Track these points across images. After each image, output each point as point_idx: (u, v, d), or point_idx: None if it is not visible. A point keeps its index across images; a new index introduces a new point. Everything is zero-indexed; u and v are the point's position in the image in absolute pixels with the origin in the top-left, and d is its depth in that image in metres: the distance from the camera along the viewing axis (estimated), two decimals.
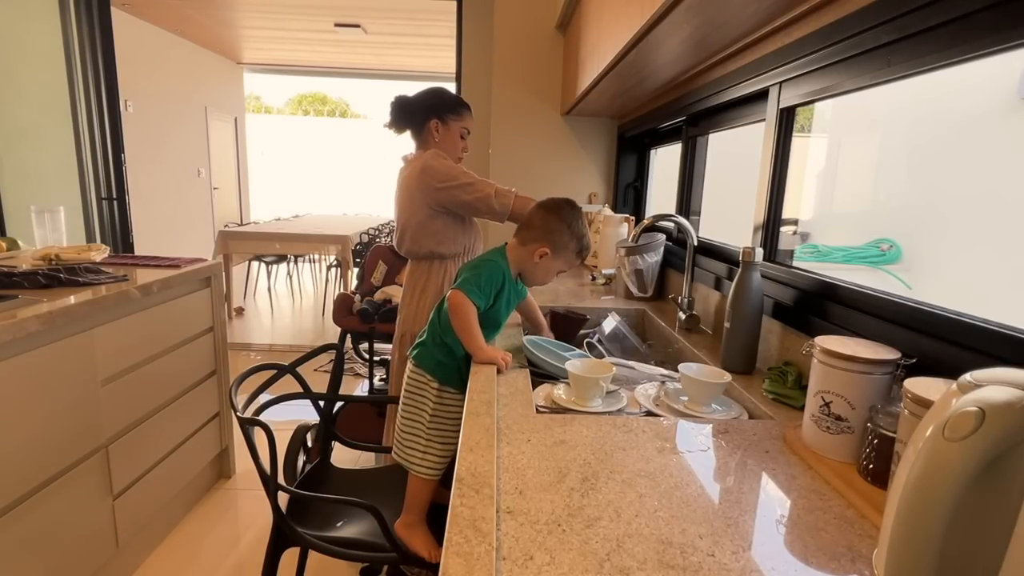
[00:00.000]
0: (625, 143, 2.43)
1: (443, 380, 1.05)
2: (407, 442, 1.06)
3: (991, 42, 0.65)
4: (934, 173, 1.61)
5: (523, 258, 1.09)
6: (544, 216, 1.09)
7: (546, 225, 1.08)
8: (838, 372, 0.69)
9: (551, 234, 1.08)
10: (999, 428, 0.36)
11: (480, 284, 1.02)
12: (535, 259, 1.08)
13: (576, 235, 1.09)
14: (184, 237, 5.58)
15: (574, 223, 1.09)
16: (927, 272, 1.63)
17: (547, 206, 1.11)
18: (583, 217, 1.12)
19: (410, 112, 1.45)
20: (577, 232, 1.09)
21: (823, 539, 0.55)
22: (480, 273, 1.04)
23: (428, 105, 1.44)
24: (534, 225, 1.10)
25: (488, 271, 1.05)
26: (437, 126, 1.44)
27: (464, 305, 1.01)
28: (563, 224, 1.08)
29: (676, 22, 1.04)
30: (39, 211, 1.86)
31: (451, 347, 1.04)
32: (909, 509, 0.39)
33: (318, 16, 4.65)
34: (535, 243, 1.08)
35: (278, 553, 1.10)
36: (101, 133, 2.96)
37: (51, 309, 1.22)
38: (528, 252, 1.08)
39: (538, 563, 0.50)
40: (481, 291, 1.02)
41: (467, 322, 1.01)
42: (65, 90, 2.84)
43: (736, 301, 1.04)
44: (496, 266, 1.06)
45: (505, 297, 1.08)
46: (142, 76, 4.81)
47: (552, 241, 1.08)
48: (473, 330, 1.01)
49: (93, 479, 1.37)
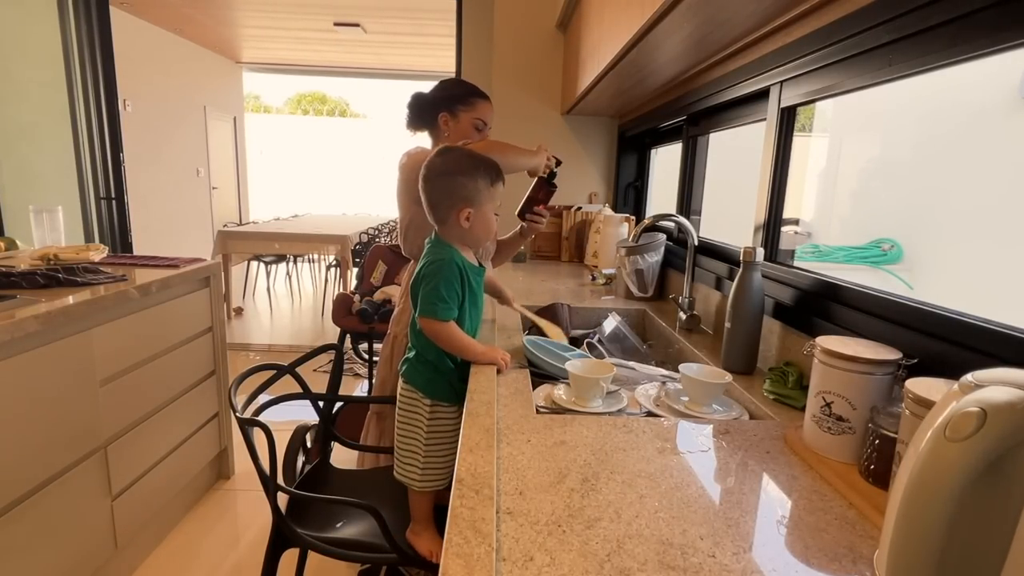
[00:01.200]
0: (625, 143, 2.43)
1: (434, 396, 1.00)
2: (405, 459, 1.03)
3: (992, 42, 0.65)
4: (936, 172, 1.61)
5: (456, 233, 1.00)
6: (433, 186, 0.98)
7: (444, 191, 0.98)
8: (839, 372, 0.69)
9: (455, 193, 0.97)
10: (1000, 428, 0.36)
11: (441, 295, 0.95)
12: (464, 224, 0.98)
13: (472, 173, 0.97)
14: (183, 237, 5.57)
15: (461, 165, 0.98)
16: (928, 272, 1.63)
17: (432, 175, 0.99)
18: (460, 151, 1.01)
19: (421, 109, 1.35)
20: (469, 169, 0.98)
21: (824, 540, 0.55)
22: (436, 283, 0.96)
23: (435, 98, 1.34)
24: (435, 201, 0.99)
25: (441, 274, 0.96)
26: (447, 119, 1.33)
27: (441, 329, 0.95)
28: (454, 176, 0.97)
29: (677, 21, 1.03)
30: (37, 211, 1.85)
31: (435, 364, 1.00)
32: (910, 510, 0.39)
33: (317, 15, 4.64)
34: (450, 212, 0.98)
35: (277, 554, 1.10)
36: (100, 132, 2.96)
37: (49, 309, 1.21)
38: (454, 225, 0.98)
39: (538, 564, 0.50)
40: (448, 301, 0.95)
41: (452, 341, 0.96)
42: (64, 89, 2.83)
43: (737, 301, 1.04)
44: (445, 263, 0.97)
45: (469, 282, 1.00)
46: (141, 75, 4.81)
47: (462, 198, 0.97)
48: (462, 344, 0.97)
49: (92, 480, 1.36)
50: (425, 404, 1.01)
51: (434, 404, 1.01)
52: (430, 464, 1.01)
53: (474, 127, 1.35)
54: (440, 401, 1.01)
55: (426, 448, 1.01)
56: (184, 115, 5.66)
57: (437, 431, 1.01)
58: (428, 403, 1.01)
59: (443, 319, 0.95)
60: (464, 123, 1.34)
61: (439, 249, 1.00)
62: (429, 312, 0.95)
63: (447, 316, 0.95)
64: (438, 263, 0.97)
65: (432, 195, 0.99)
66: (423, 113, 1.36)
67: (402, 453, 1.04)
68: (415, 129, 1.40)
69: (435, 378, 1.01)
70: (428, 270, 0.98)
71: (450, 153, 1.01)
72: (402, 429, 1.04)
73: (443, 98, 1.34)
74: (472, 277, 1.01)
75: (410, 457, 1.02)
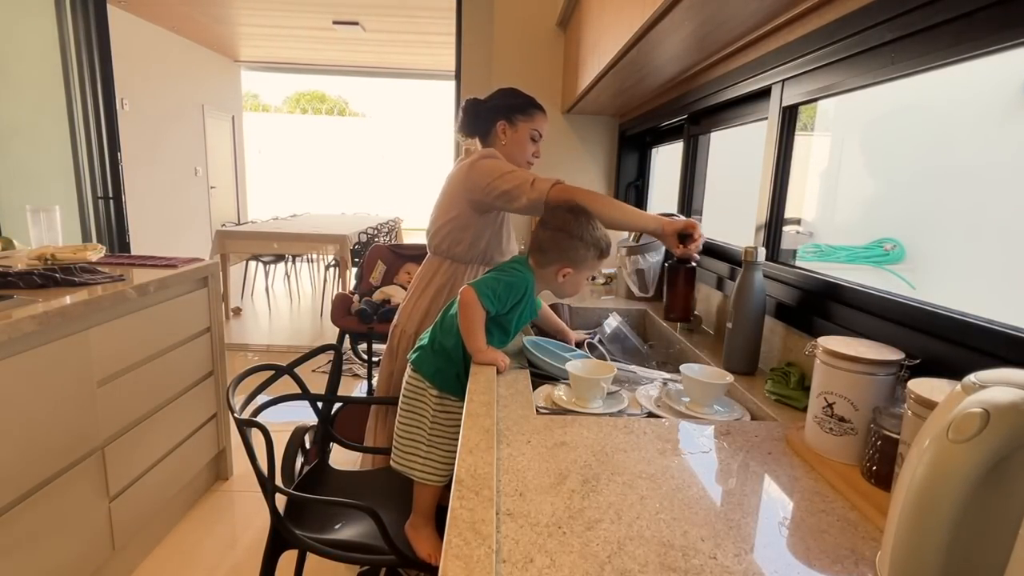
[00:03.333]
0: (626, 142, 2.42)
1: (442, 387, 1.02)
2: (407, 449, 1.03)
3: (995, 40, 0.64)
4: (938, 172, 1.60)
5: (546, 279, 1.06)
6: (552, 236, 1.04)
7: (558, 245, 1.04)
8: (841, 373, 0.68)
9: (566, 252, 1.03)
10: (1004, 429, 0.36)
11: (497, 290, 0.99)
12: (559, 279, 1.05)
13: (590, 243, 1.04)
14: (181, 237, 5.56)
15: (585, 233, 1.03)
16: (931, 272, 1.62)
17: (553, 225, 1.05)
18: (591, 219, 1.06)
19: (476, 114, 1.38)
20: (590, 240, 1.04)
21: (826, 541, 0.55)
22: (501, 280, 1.01)
23: (494, 106, 1.37)
24: (545, 248, 1.05)
25: (511, 280, 1.01)
26: (504, 128, 1.35)
27: (473, 304, 0.98)
28: (574, 240, 1.03)
29: (677, 20, 1.03)
30: (35, 210, 1.84)
31: (450, 353, 1.02)
32: (913, 511, 0.39)
33: (316, 13, 4.63)
34: (553, 265, 1.04)
35: (276, 555, 1.10)
36: (97, 131, 2.95)
37: (46, 309, 1.21)
38: (550, 274, 1.05)
39: (538, 566, 0.50)
40: (496, 297, 0.99)
41: (472, 321, 0.99)
42: (61, 88, 2.82)
43: (738, 301, 1.03)
44: (522, 278, 1.03)
45: (520, 310, 1.05)
46: (138, 74, 4.79)
47: (569, 259, 1.04)
48: (477, 330, 0.99)
49: (89, 481, 1.36)
50: (432, 394, 1.03)
51: (441, 396, 1.03)
52: (432, 456, 1.02)
53: (531, 138, 1.38)
54: (447, 394, 1.02)
55: (430, 438, 1.02)
56: (182, 114, 5.65)
57: (441, 423, 1.03)
58: (435, 393, 1.02)
59: (481, 300, 0.98)
60: (522, 133, 1.36)
61: (525, 269, 1.05)
62: (478, 288, 0.98)
63: (484, 304, 0.99)
64: (519, 274, 1.03)
65: (545, 243, 1.05)
66: (479, 119, 1.38)
67: (402, 442, 1.05)
68: (469, 135, 1.41)
69: (445, 368, 1.02)
70: (508, 271, 1.04)
71: (578, 215, 1.06)
72: (405, 417, 1.05)
73: (503, 106, 1.37)
74: (527, 305, 1.06)
75: (412, 446, 1.03)
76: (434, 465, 1.02)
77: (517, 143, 1.36)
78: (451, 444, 1.03)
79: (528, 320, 1.11)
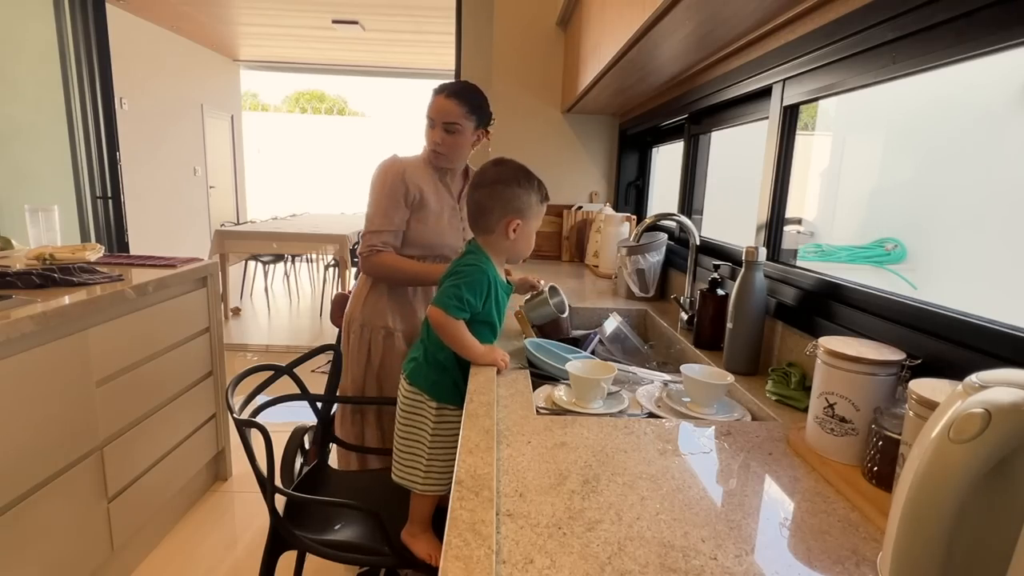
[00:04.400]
0: (627, 141, 2.42)
1: (440, 398, 1.00)
2: (407, 463, 1.01)
3: (997, 39, 0.64)
4: (940, 171, 1.60)
5: (499, 243, 1.01)
6: (489, 192, 0.99)
7: (498, 198, 0.98)
8: (842, 373, 0.68)
9: (509, 202, 0.98)
10: (1005, 430, 0.36)
11: (461, 296, 0.95)
12: (510, 236, 1.00)
13: (529, 187, 0.99)
14: (180, 236, 5.55)
15: (520, 178, 0.99)
16: (933, 272, 1.62)
17: (486, 182, 1.00)
18: (520, 164, 1.02)
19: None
20: (527, 183, 1.00)
21: (827, 542, 0.55)
22: (460, 284, 0.96)
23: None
24: (486, 207, 1.00)
25: (470, 280, 0.97)
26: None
27: (445, 322, 0.95)
28: (512, 186, 0.98)
29: (678, 19, 1.03)
30: (33, 210, 1.84)
31: (444, 364, 1.00)
32: (914, 512, 0.39)
33: (316, 12, 4.62)
34: (500, 224, 0.99)
35: (275, 556, 1.09)
36: (96, 131, 2.94)
37: (45, 309, 1.20)
38: (500, 235, 1.00)
39: (538, 567, 0.49)
40: (463, 302, 0.95)
41: (455, 336, 0.96)
42: (59, 87, 2.81)
43: (739, 301, 1.03)
44: (479, 271, 0.98)
45: (494, 297, 1.01)
46: (137, 73, 4.78)
47: (515, 208, 0.99)
48: (464, 342, 0.97)
49: (87, 482, 1.35)
50: (431, 407, 1.00)
51: (440, 407, 1.00)
52: (433, 467, 1.00)
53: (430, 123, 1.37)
54: (446, 404, 1.00)
55: (430, 451, 1.00)
56: (181, 113, 5.64)
57: (442, 434, 1.01)
58: (434, 406, 1.00)
59: (455, 315, 0.95)
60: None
61: (478, 256, 1.00)
62: (442, 304, 0.95)
63: (456, 316, 0.96)
64: (475, 268, 0.98)
65: (484, 202, 0.99)
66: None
67: (403, 456, 1.03)
68: None
69: (441, 380, 1.00)
70: (461, 269, 0.98)
71: (506, 164, 1.02)
72: (404, 432, 1.03)
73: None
74: (500, 292, 1.02)
75: (413, 460, 1.01)
76: (435, 476, 1.00)
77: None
78: (451, 453, 1.01)
79: (506, 299, 1.06)
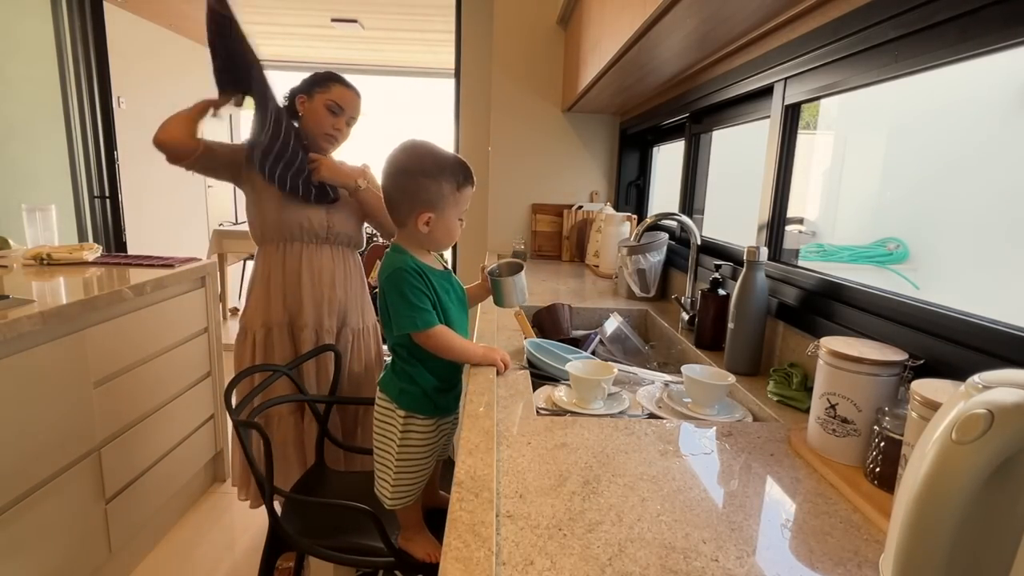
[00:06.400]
0: (627, 140, 2.42)
1: (408, 407, 0.94)
2: (380, 473, 0.98)
3: (1000, 38, 0.64)
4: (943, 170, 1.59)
5: (414, 236, 0.92)
6: (394, 183, 0.90)
7: (403, 190, 0.89)
8: (844, 374, 0.68)
9: (415, 195, 0.89)
10: (1008, 431, 0.36)
11: (411, 303, 0.87)
12: (423, 229, 0.90)
13: (437, 176, 0.88)
14: (178, 236, 5.53)
15: (424, 167, 0.88)
16: (935, 272, 1.62)
17: (391, 171, 0.90)
18: (428, 149, 0.91)
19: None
20: (435, 173, 0.88)
21: (829, 544, 0.55)
22: (397, 296, 0.88)
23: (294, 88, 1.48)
24: (395, 200, 0.90)
25: (404, 283, 0.88)
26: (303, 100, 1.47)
27: (428, 338, 0.89)
28: (416, 177, 0.88)
29: (679, 17, 1.02)
30: (30, 209, 1.83)
31: (412, 375, 0.94)
32: (917, 513, 0.38)
33: (314, 11, 4.61)
34: (412, 214, 0.90)
35: (273, 558, 1.09)
36: (93, 130, 2.93)
37: (43, 309, 1.20)
38: (413, 230, 0.91)
39: (538, 568, 0.49)
40: (420, 309, 0.88)
41: (446, 346, 0.91)
42: (57, 86, 2.81)
43: (740, 301, 1.03)
44: (402, 272, 0.88)
45: (440, 287, 0.93)
46: (135, 72, 4.77)
47: (422, 201, 0.89)
48: (457, 346, 0.92)
49: (85, 483, 1.35)
50: (399, 415, 0.95)
51: (408, 416, 0.94)
52: (401, 480, 0.96)
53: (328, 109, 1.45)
54: (414, 413, 0.95)
55: (397, 463, 0.95)
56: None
57: (410, 446, 0.95)
58: (402, 415, 0.94)
59: (426, 327, 0.88)
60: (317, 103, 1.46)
61: (393, 257, 0.91)
62: (408, 326, 0.88)
63: (429, 322, 0.88)
64: (394, 273, 0.89)
65: (392, 195, 0.91)
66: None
67: (377, 466, 0.99)
68: None
69: (409, 388, 0.94)
70: (386, 284, 0.90)
71: (413, 150, 0.90)
72: (377, 440, 0.99)
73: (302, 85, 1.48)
74: (436, 280, 0.93)
75: (384, 470, 0.98)
76: (402, 490, 0.96)
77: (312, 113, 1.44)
78: (420, 466, 0.97)
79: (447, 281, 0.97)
